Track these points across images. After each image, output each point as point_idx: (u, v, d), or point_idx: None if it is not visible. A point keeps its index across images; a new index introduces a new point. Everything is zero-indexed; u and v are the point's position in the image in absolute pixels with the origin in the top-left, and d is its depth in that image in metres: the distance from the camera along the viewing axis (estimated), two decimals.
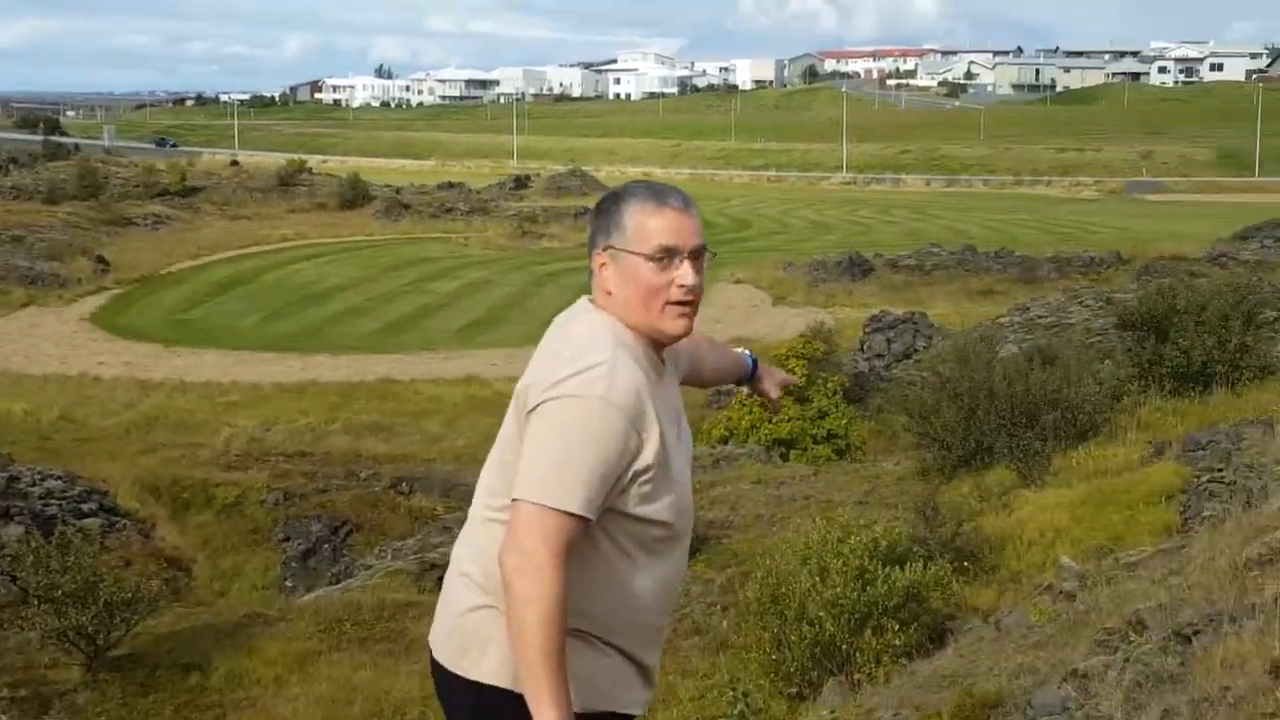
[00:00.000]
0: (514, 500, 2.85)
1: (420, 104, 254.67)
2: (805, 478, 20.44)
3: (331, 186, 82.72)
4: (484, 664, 3.01)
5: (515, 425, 2.99)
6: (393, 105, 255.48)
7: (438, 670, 3.15)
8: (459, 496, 23.28)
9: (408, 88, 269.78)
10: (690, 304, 3.00)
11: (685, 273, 2.97)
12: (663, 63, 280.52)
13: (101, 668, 14.03)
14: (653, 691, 3.20)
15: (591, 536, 2.91)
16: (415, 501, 23.66)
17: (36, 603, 13.99)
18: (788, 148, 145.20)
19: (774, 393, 3.86)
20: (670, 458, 2.94)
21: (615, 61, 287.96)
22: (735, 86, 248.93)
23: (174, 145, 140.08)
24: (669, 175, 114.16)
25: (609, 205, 3.07)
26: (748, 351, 3.82)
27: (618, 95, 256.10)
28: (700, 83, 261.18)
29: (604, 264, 3.05)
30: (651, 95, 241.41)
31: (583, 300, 3.15)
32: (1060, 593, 10.26)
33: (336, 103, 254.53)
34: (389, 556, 19.24)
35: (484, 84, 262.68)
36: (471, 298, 49.20)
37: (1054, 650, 8.50)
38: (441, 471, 25.14)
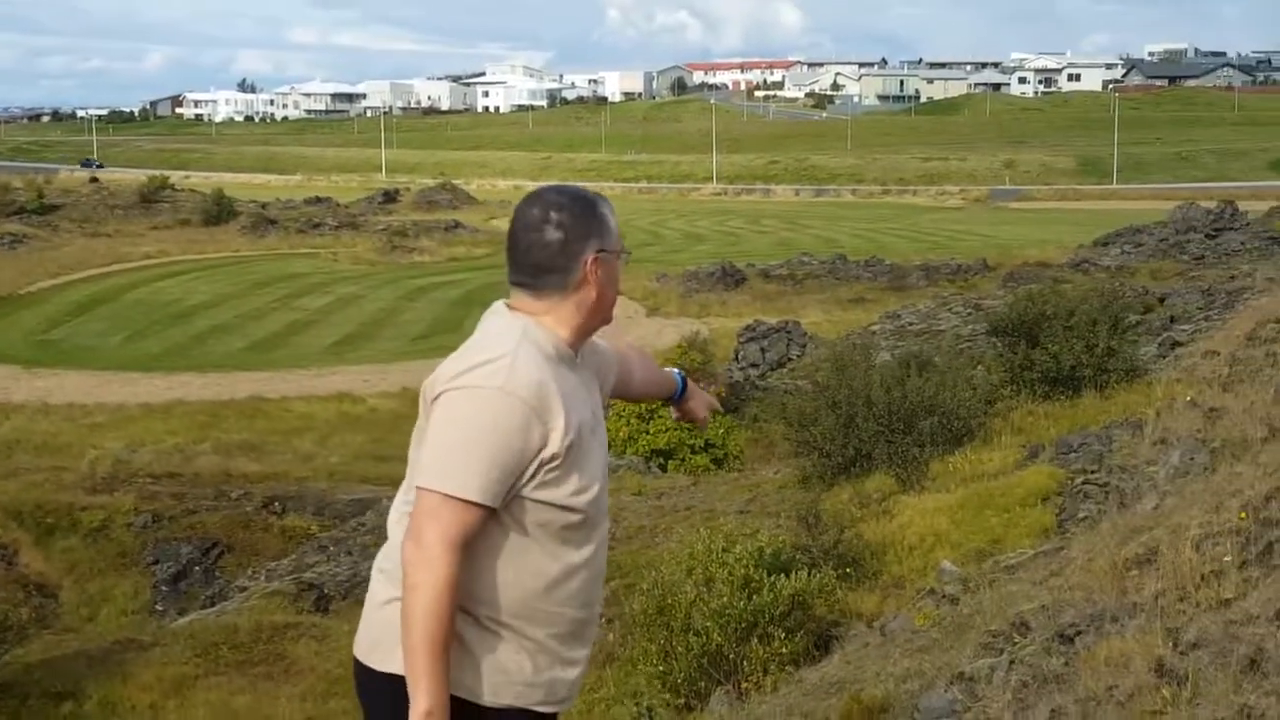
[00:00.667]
0: (417, 489, 2.90)
1: (285, 118, 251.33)
2: (685, 488, 20.45)
3: (195, 203, 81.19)
4: (395, 656, 2.99)
5: (423, 420, 3.02)
6: (257, 119, 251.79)
7: (356, 665, 3.15)
8: (333, 515, 22.95)
9: (272, 102, 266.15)
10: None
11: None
12: (531, 75, 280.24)
13: None
14: (575, 688, 3.18)
15: (502, 525, 2.96)
16: (289, 521, 23.24)
17: None
18: (658, 159, 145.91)
19: (701, 414, 3.90)
20: (582, 448, 2.98)
21: (483, 74, 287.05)
22: (604, 99, 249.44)
23: (99, 165, 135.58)
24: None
25: (590, 211, 3.09)
26: (678, 371, 3.82)
27: (487, 108, 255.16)
28: (569, 95, 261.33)
29: (595, 268, 3.08)
30: (521, 108, 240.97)
31: (498, 304, 3.15)
32: (943, 596, 10.36)
33: (199, 118, 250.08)
34: (263, 578, 18.88)
35: (350, 97, 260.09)
36: (342, 313, 48.61)
37: (939, 654, 8.56)
38: (315, 490, 24.74)
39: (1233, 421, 11.65)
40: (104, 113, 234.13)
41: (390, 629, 3.00)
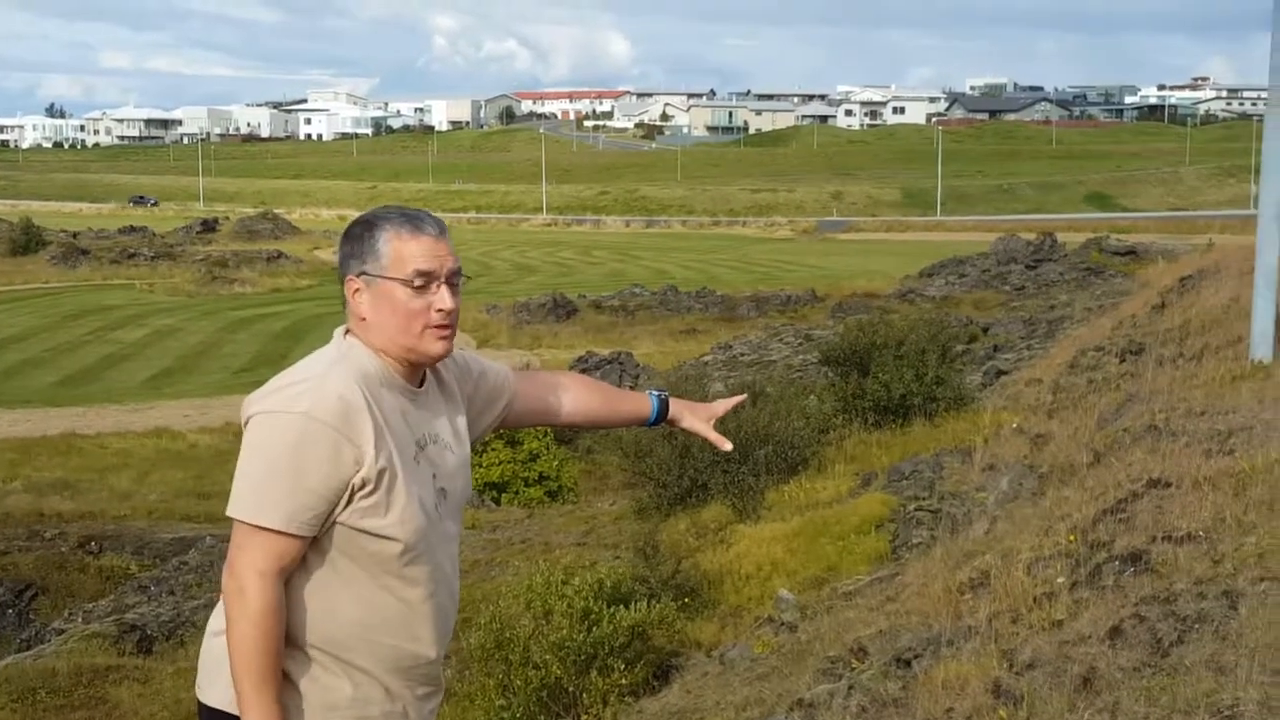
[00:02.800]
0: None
1: (96, 144, 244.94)
2: (520, 521, 20.33)
3: (1, 231, 78.47)
4: (215, 689, 2.97)
5: None
6: (66, 145, 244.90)
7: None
8: (153, 554, 22.24)
9: (82, 127, 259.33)
10: (449, 326, 3.00)
11: (443, 297, 2.98)
12: (355, 102, 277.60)
13: None
14: None
15: (324, 553, 2.90)
16: (106, 561, 22.45)
17: None
18: (487, 189, 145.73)
19: (703, 430, 3.67)
20: (400, 474, 2.89)
21: (305, 101, 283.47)
22: (431, 127, 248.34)
23: (154, 203, 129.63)
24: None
25: (361, 231, 3.03)
26: (656, 392, 3.64)
27: (309, 135, 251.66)
28: (395, 123, 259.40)
29: (358, 290, 3.00)
30: (344, 136, 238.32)
31: (338, 330, 3.08)
32: (781, 624, 10.42)
33: (4, 143, 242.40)
34: (80, 619, 18.21)
35: (165, 123, 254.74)
36: (159, 346, 47.34)
37: (779, 681, 8.60)
38: (134, 529, 23.98)
39: (1059, 447, 11.96)
40: None
41: (212, 661, 2.98)
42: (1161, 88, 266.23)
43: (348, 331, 3.03)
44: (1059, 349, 22.25)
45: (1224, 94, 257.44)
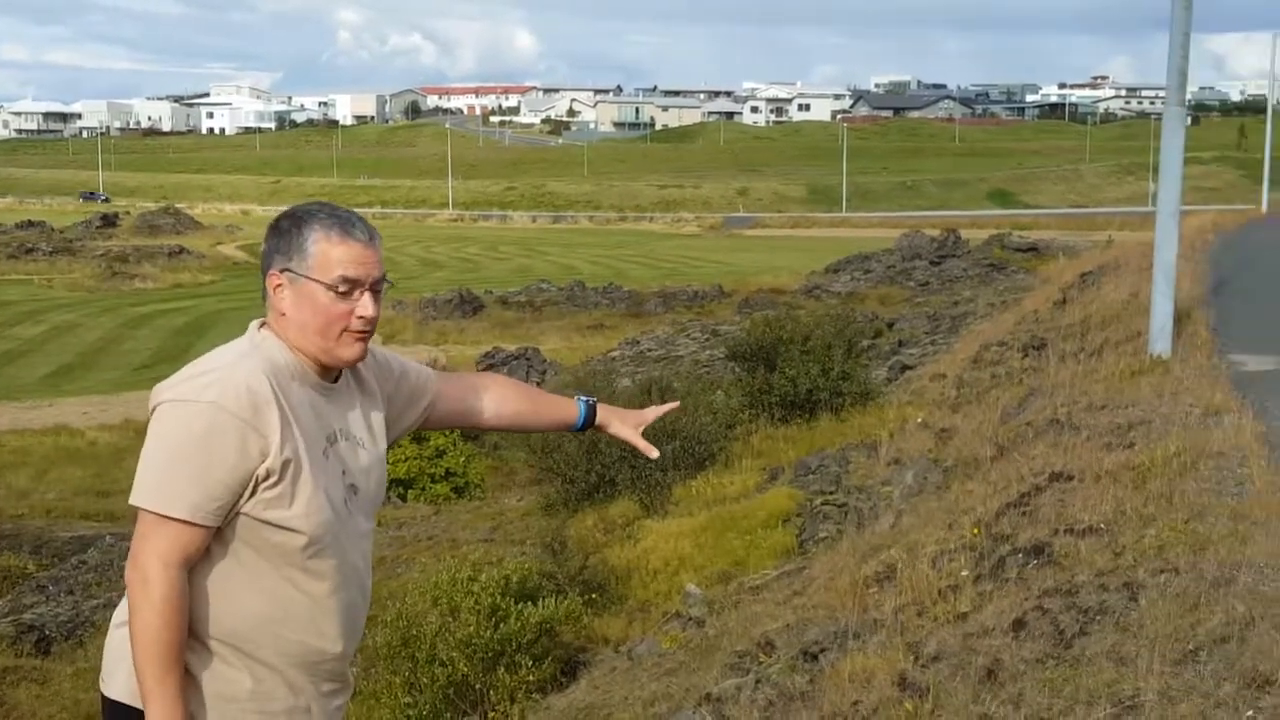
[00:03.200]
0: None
1: None
2: (427, 517, 20.21)
3: None
4: (115, 681, 2.94)
5: None
6: None
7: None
8: (52, 553, 21.83)
9: None
10: (368, 332, 2.99)
11: (365, 304, 2.96)
12: (258, 96, 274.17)
13: None
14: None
15: (228, 544, 2.87)
16: (3, 560, 22.02)
17: None
18: (393, 184, 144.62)
19: (631, 437, 3.57)
20: (306, 467, 2.87)
21: (207, 95, 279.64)
22: (336, 122, 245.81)
23: (106, 199, 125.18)
24: (270, 213, 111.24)
25: (289, 226, 2.99)
26: (584, 397, 3.58)
27: (211, 129, 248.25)
28: (299, 117, 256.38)
29: (279, 285, 2.96)
30: (247, 130, 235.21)
31: (254, 322, 3.04)
32: (689, 619, 10.43)
33: None
34: None
35: (64, 117, 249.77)
36: (58, 342, 46.48)
37: (686, 676, 8.60)
38: (32, 528, 23.52)
39: (963, 441, 12.08)
40: None
41: (114, 653, 2.95)
42: (1062, 86, 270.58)
43: (264, 324, 3.00)
44: (963, 344, 22.51)
45: (1123, 93, 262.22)
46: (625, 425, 3.57)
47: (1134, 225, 60.19)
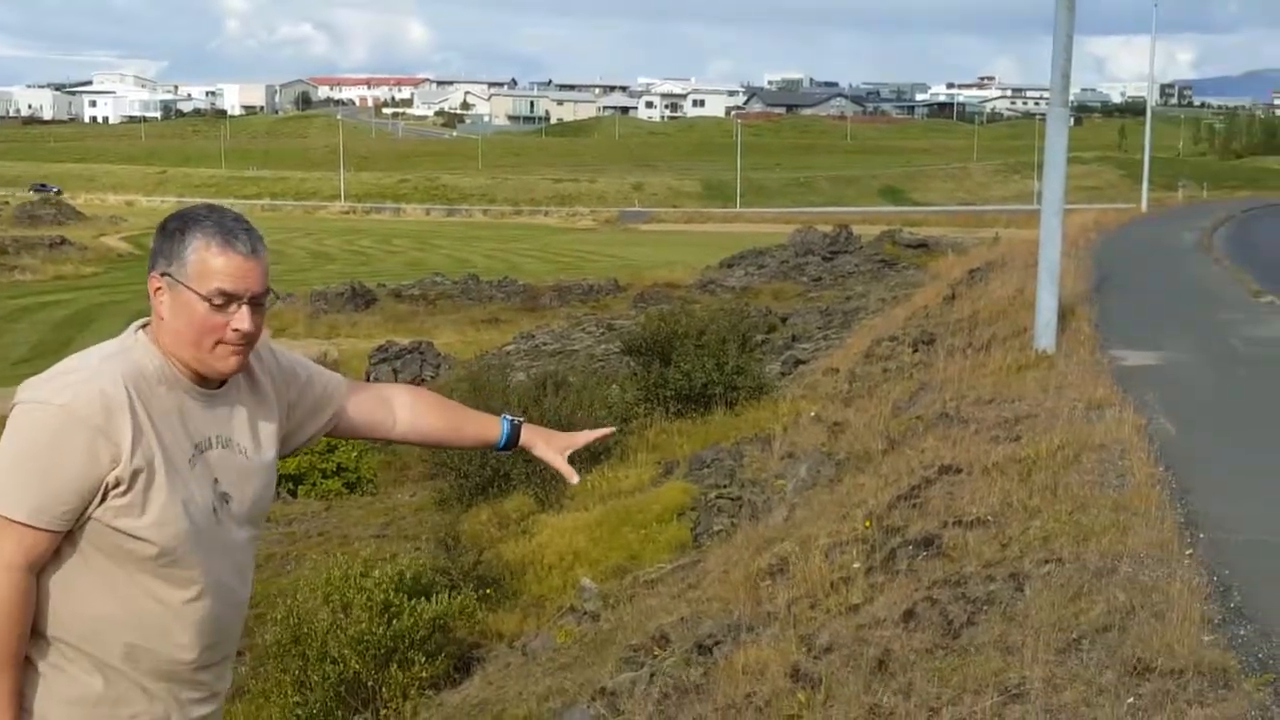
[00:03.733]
0: None
1: None
2: (318, 513, 20.02)
3: None
4: None
5: None
6: None
7: None
8: None
9: None
10: (245, 345, 2.89)
11: (241, 318, 2.86)
12: (143, 85, 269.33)
13: None
14: None
15: (77, 547, 2.80)
16: None
17: None
18: (282, 176, 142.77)
19: (555, 461, 3.43)
20: (160, 477, 2.80)
21: (90, 83, 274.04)
22: (224, 112, 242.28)
23: (58, 192, 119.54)
24: (155, 204, 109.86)
25: (175, 230, 2.90)
26: (509, 418, 3.42)
27: (94, 119, 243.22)
28: (185, 107, 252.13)
29: (159, 289, 2.89)
30: (132, 119, 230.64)
31: (135, 323, 2.97)
32: (584, 614, 10.45)
33: None
34: None
35: None
36: None
37: (581, 670, 8.62)
38: None
39: (855, 435, 12.23)
40: None
41: None
42: (950, 86, 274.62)
43: (145, 325, 2.94)
44: (855, 339, 22.75)
45: (1009, 93, 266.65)
46: (550, 448, 3.43)
47: (1020, 222, 61.15)
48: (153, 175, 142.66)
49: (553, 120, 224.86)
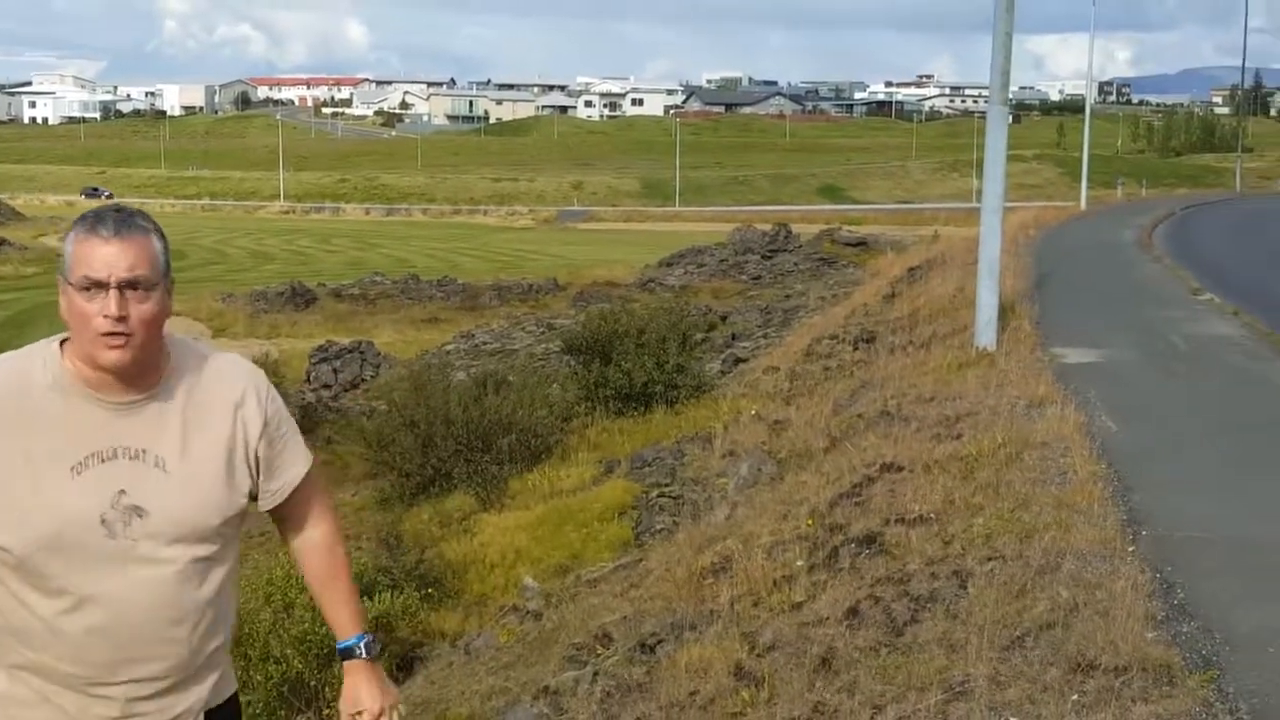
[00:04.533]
0: None
1: None
2: (258, 514, 19.81)
3: None
4: None
5: None
6: None
7: None
8: None
9: None
10: (122, 335, 2.80)
11: (107, 305, 2.78)
12: (83, 86, 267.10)
13: None
14: None
15: None
16: None
17: None
18: (222, 176, 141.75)
19: (367, 706, 3.26)
20: (19, 480, 2.79)
21: (29, 83, 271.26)
22: (164, 112, 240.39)
23: (109, 195, 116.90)
24: (94, 204, 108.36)
25: (67, 233, 2.90)
26: (364, 635, 3.28)
27: (34, 119, 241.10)
28: (125, 108, 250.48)
29: (61, 294, 2.89)
30: (72, 120, 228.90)
31: (60, 334, 2.96)
32: (526, 613, 10.40)
33: None
34: None
35: None
36: None
37: (524, 669, 8.57)
38: None
39: (796, 433, 12.24)
40: None
41: None
42: (889, 84, 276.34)
43: (67, 338, 2.93)
44: (795, 337, 22.81)
45: (947, 91, 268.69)
46: (353, 693, 3.28)
47: (959, 220, 61.52)
48: (92, 176, 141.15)
49: (491, 120, 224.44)
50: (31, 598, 2.83)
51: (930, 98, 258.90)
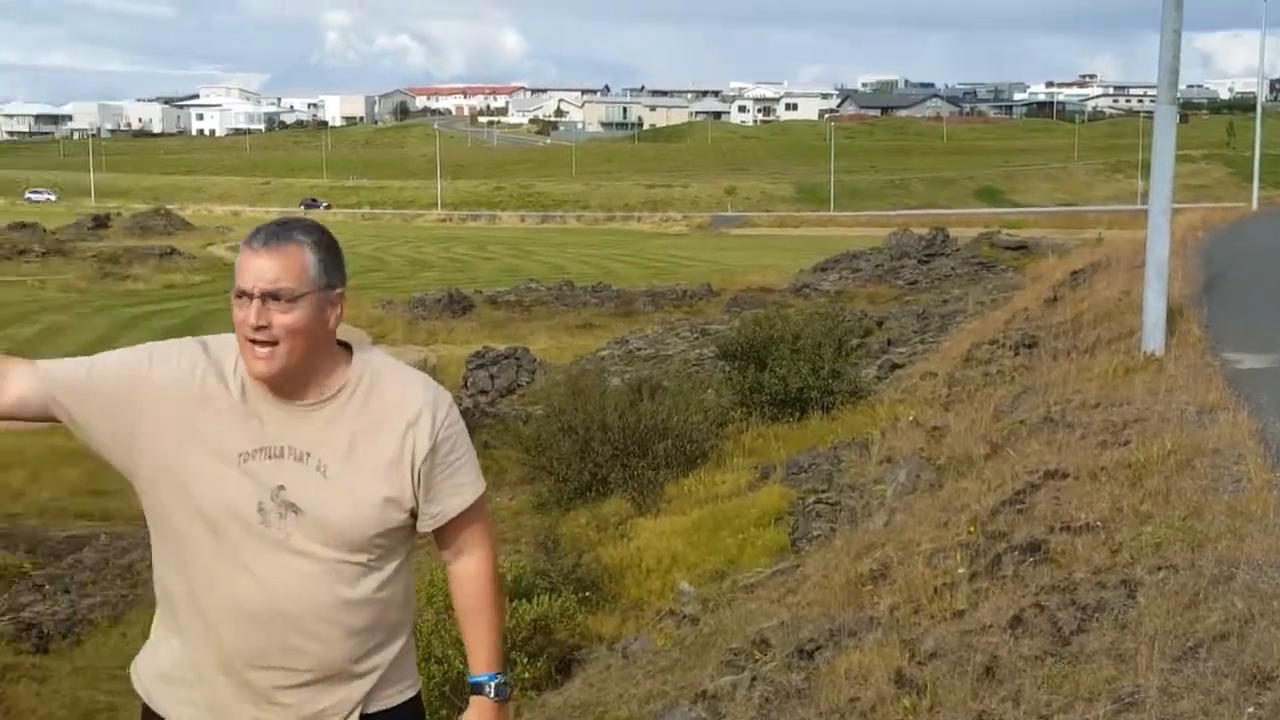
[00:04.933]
0: None
1: None
2: None
3: None
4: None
5: None
6: None
7: None
8: (47, 552, 21.85)
9: None
10: (265, 345, 2.89)
11: (250, 313, 2.88)
12: (248, 98, 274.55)
13: None
14: (199, 712, 3.03)
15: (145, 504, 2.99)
16: None
17: None
18: (381, 185, 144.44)
19: None
20: (195, 454, 2.91)
21: (197, 96, 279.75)
22: (325, 123, 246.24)
23: (327, 206, 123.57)
24: (259, 214, 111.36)
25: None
26: (497, 675, 3.23)
27: (201, 131, 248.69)
28: (289, 119, 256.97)
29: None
30: (238, 131, 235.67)
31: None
32: (683, 617, 10.42)
33: None
34: None
35: (55, 119, 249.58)
36: (52, 343, 46.21)
37: (682, 673, 8.59)
38: (27, 527, 23.54)
39: (955, 439, 12.07)
40: None
41: None
42: (1050, 85, 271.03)
43: None
44: (953, 342, 22.50)
45: (1110, 91, 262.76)
46: None
47: (1123, 223, 60.23)
48: (257, 186, 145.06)
49: (645, 126, 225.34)
50: (178, 554, 2.97)
51: (1093, 98, 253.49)
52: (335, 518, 2.92)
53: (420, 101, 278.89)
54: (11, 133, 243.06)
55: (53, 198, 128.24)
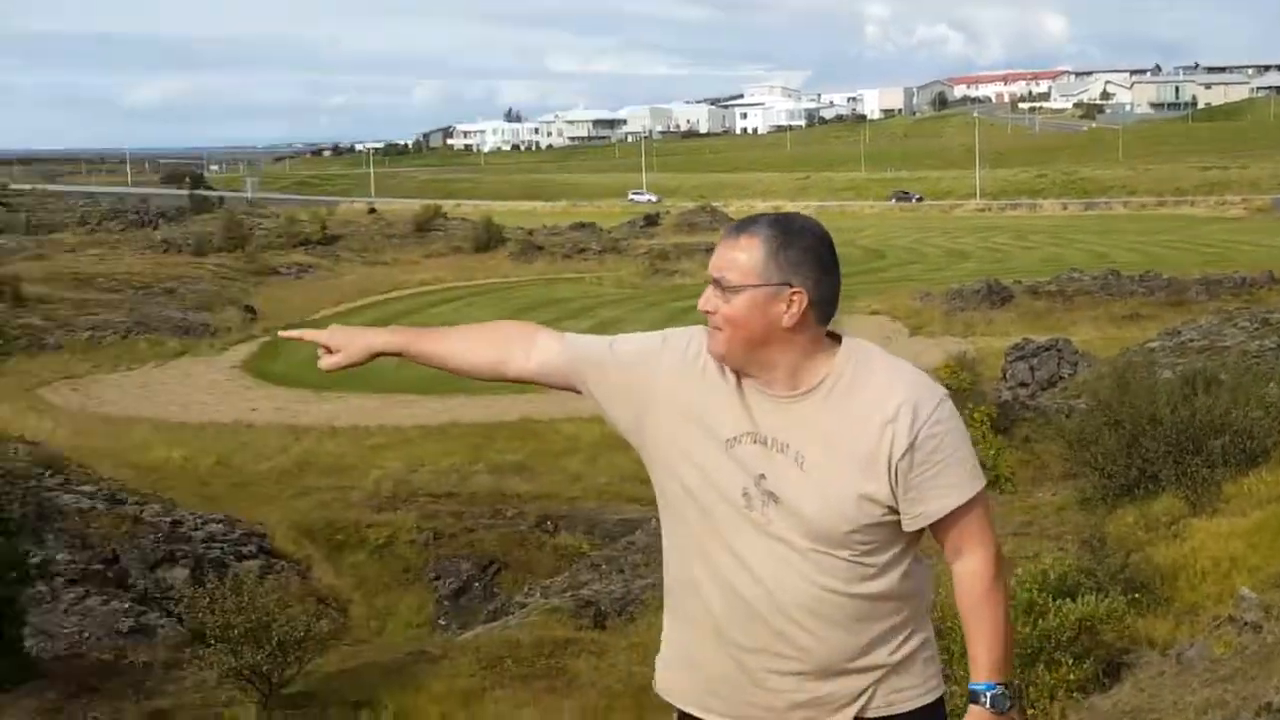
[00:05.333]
0: None
1: (549, 146, 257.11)
2: None
3: (466, 230, 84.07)
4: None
5: None
6: (523, 148, 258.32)
7: None
8: (603, 534, 23.30)
9: (536, 130, 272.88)
10: (714, 328, 3.06)
11: (706, 296, 3.08)
12: (789, 95, 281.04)
13: (276, 705, 14.09)
14: (697, 693, 3.12)
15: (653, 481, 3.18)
16: (561, 539, 23.71)
17: (214, 642, 14.10)
18: (919, 176, 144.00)
19: None
20: (687, 432, 3.06)
21: (741, 96, 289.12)
22: (863, 116, 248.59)
23: (919, 199, 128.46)
24: (798, 208, 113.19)
25: None
26: (995, 685, 3.06)
27: (745, 129, 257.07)
28: (828, 114, 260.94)
29: None
30: (779, 128, 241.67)
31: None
32: (1244, 624, 9.89)
33: (468, 148, 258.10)
34: (539, 594, 19.27)
35: (611, 123, 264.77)
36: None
37: (1243, 684, 8.19)
38: (585, 510, 25.19)
39: None
40: (380, 146, 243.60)
41: None
42: None
43: None
44: None
45: None
46: None
47: None
48: (796, 181, 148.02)
49: (1200, 105, 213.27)
50: (677, 527, 3.12)
51: None
52: (810, 510, 2.94)
53: (959, 90, 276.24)
54: (573, 138, 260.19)
55: (654, 199, 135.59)
